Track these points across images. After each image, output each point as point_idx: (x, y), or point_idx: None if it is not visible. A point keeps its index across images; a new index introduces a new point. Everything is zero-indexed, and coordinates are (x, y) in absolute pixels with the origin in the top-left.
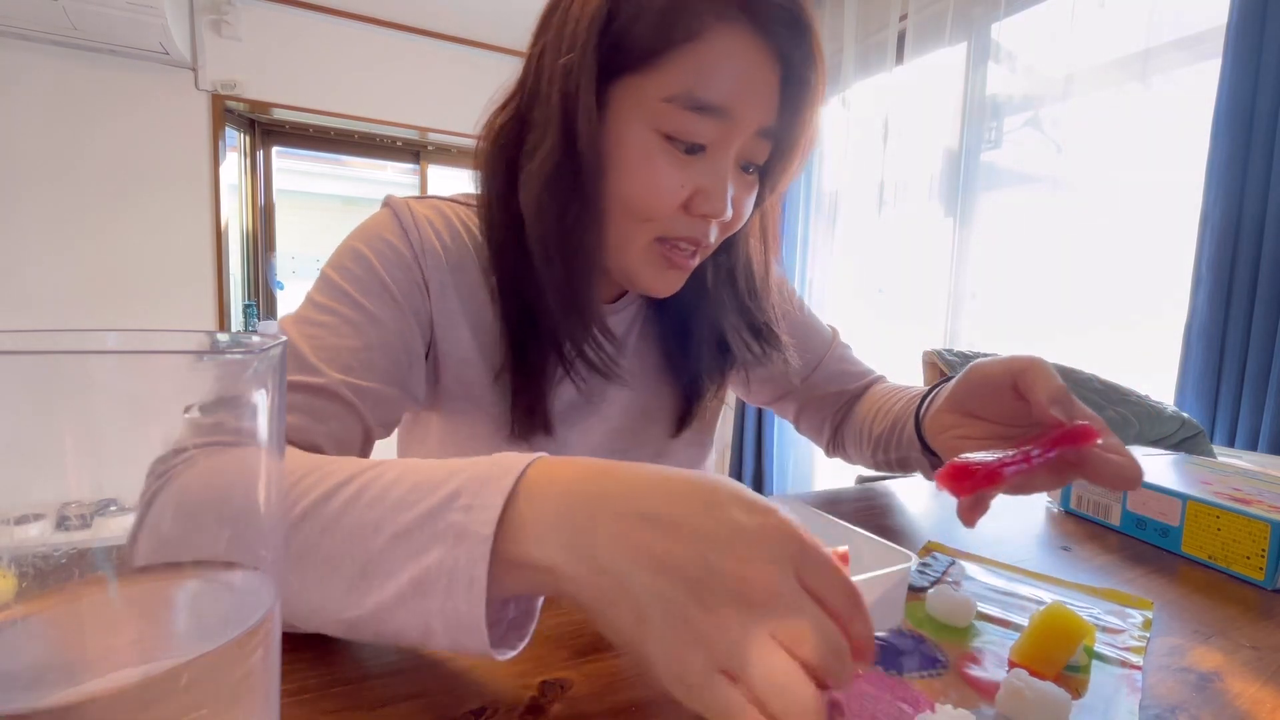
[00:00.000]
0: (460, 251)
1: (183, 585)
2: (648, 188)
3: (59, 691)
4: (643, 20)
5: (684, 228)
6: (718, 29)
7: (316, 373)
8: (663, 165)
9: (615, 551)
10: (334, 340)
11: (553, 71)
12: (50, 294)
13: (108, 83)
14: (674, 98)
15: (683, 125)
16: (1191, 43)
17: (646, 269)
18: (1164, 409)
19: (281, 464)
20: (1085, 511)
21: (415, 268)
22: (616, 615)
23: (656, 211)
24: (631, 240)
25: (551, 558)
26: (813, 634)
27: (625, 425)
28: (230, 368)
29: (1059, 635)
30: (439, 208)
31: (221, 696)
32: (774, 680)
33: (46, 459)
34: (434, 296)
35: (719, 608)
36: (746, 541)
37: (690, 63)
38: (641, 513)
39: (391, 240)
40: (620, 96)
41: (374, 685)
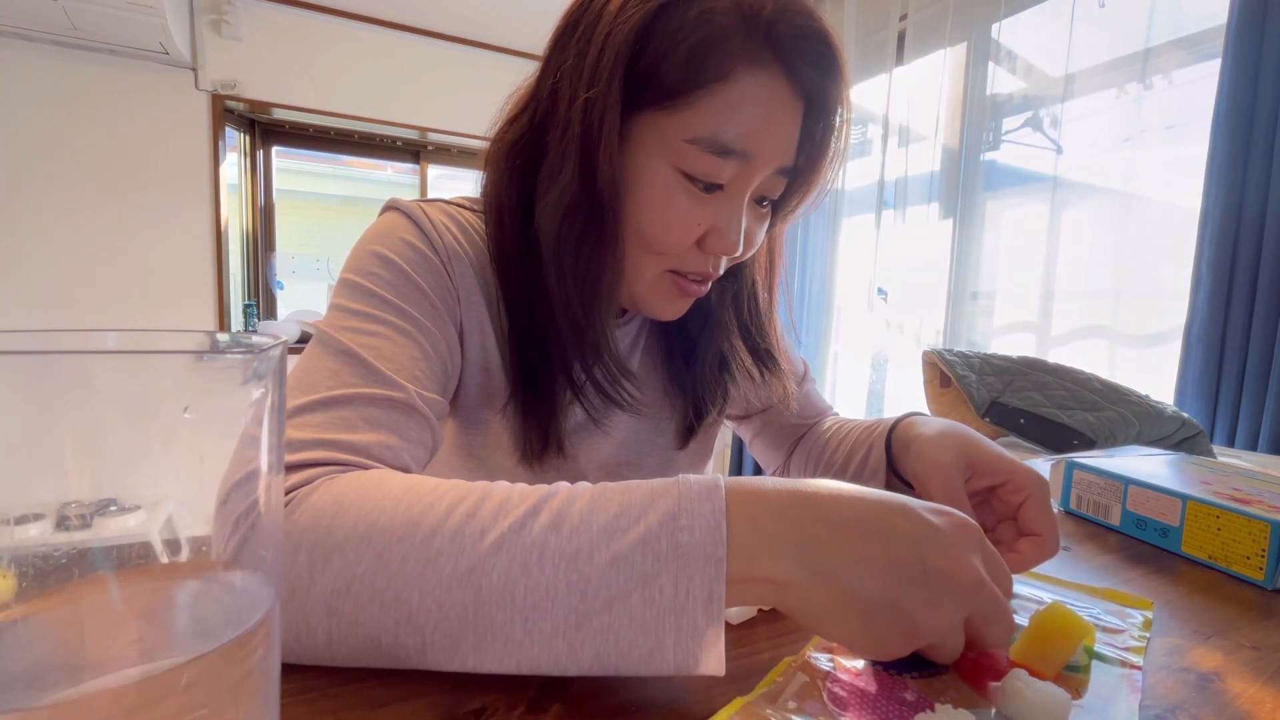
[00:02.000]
0: (480, 257)
1: (183, 585)
2: (664, 224)
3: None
4: (672, 57)
5: (695, 263)
6: (747, 70)
7: (394, 386)
8: (681, 203)
9: (841, 561)
10: (393, 351)
11: (573, 98)
12: (50, 294)
13: (108, 83)
14: (697, 140)
15: (704, 167)
16: (1191, 43)
17: (656, 297)
18: (1164, 409)
19: (282, 464)
20: (1085, 511)
21: (444, 273)
22: (845, 619)
23: (670, 247)
24: (644, 271)
25: (784, 572)
26: (998, 613)
27: (631, 440)
28: (230, 368)
29: (1059, 635)
30: (448, 211)
31: (221, 696)
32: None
33: (46, 459)
34: (463, 302)
35: (940, 603)
36: (948, 540)
37: (716, 105)
38: (854, 522)
39: (415, 244)
40: (642, 130)
41: (374, 685)
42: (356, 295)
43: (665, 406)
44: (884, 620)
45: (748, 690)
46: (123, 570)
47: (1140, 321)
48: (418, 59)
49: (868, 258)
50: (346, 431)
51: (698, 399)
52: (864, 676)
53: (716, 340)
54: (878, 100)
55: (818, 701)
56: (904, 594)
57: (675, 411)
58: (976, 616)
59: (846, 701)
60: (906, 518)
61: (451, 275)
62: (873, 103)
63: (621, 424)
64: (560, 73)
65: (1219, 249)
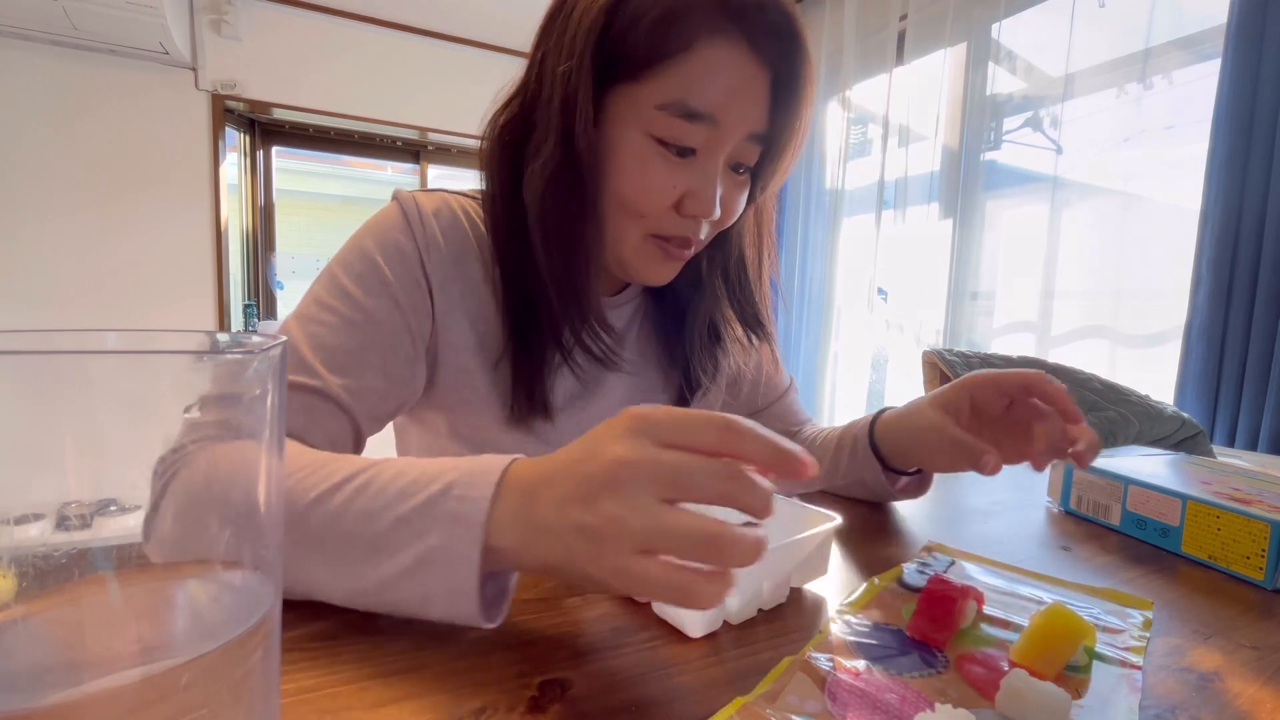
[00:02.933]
0: (462, 243)
1: (183, 585)
2: (641, 188)
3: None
4: (637, 31)
5: (675, 226)
6: (709, 41)
7: (314, 374)
8: (655, 168)
9: (549, 516)
10: (332, 340)
11: (554, 76)
12: (50, 294)
13: (108, 83)
14: (666, 105)
15: (674, 131)
16: (1191, 43)
17: (641, 261)
18: (1164, 409)
19: (282, 464)
20: (1085, 512)
21: (418, 264)
22: (556, 561)
23: (649, 210)
24: (626, 235)
25: (510, 541)
26: (690, 476)
27: (640, 395)
28: (230, 368)
29: (1059, 635)
30: (445, 199)
31: (221, 696)
32: (674, 532)
33: (46, 459)
34: (435, 291)
35: (601, 503)
36: (598, 438)
37: (682, 73)
38: (568, 475)
39: (397, 237)
40: (616, 103)
41: (374, 685)
42: (327, 285)
43: (660, 378)
44: (577, 545)
45: (748, 690)
46: (123, 570)
47: (1140, 321)
48: (418, 59)
49: (868, 258)
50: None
51: (689, 367)
52: (864, 676)
53: (707, 308)
54: (878, 100)
55: (817, 701)
56: (572, 513)
57: (670, 383)
58: (666, 491)
59: (846, 701)
60: (584, 444)
61: (425, 265)
62: (873, 103)
63: (615, 394)
64: (544, 54)
65: (1219, 249)
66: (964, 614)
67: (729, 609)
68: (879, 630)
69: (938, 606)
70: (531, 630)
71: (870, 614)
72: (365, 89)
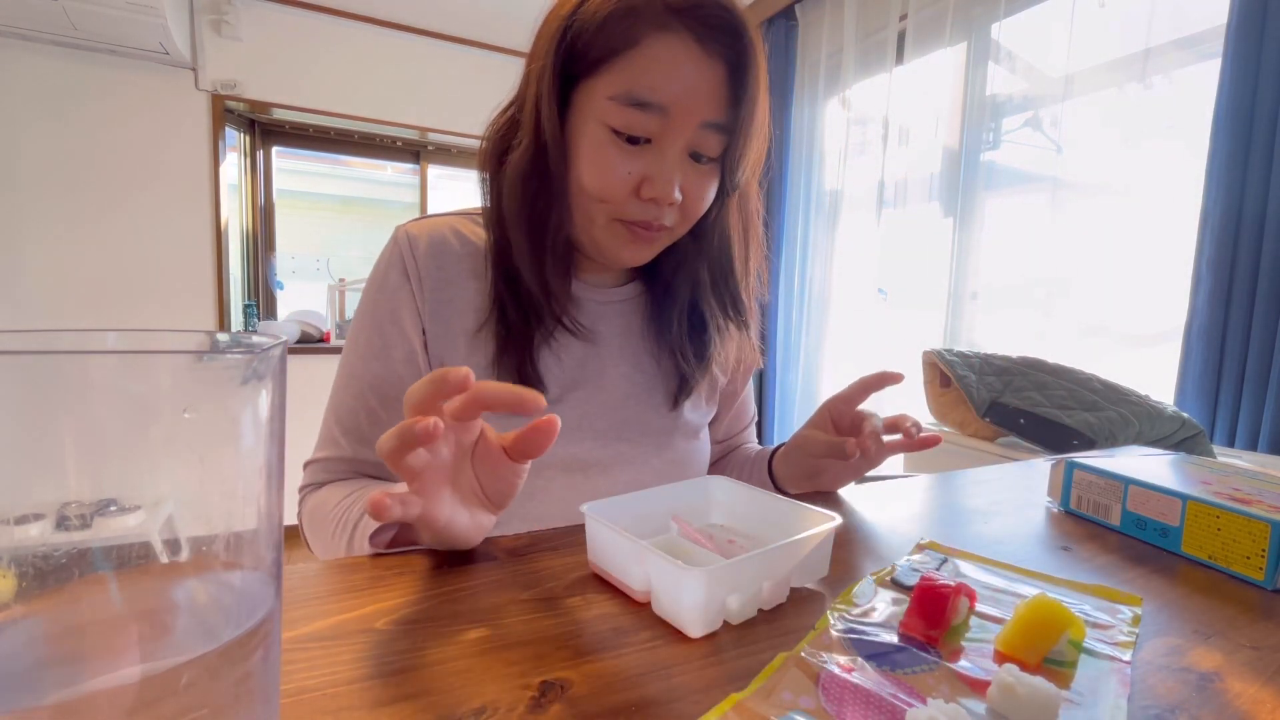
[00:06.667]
0: (457, 263)
1: (183, 585)
2: (599, 173)
3: (59, 691)
4: (589, 32)
5: (638, 211)
6: (655, 37)
7: (340, 448)
8: (610, 155)
9: None
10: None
11: (529, 78)
12: (50, 294)
13: (108, 83)
14: (615, 96)
15: (626, 120)
16: (1191, 43)
17: (611, 242)
18: (1164, 409)
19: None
20: (1085, 511)
21: (408, 290)
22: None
23: (609, 194)
24: (593, 219)
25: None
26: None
27: (621, 399)
28: (230, 368)
29: (1040, 623)
30: (436, 225)
31: (221, 696)
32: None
33: (46, 459)
34: (430, 304)
35: None
36: None
37: (631, 66)
38: None
39: (387, 272)
40: (580, 98)
41: (374, 685)
42: (347, 350)
43: (655, 367)
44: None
45: (745, 688)
46: (123, 570)
47: (1140, 321)
48: (418, 59)
49: (867, 257)
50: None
51: (674, 350)
52: (857, 672)
53: (691, 296)
54: (878, 100)
55: (811, 697)
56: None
57: (664, 371)
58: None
59: (840, 697)
60: None
61: (417, 290)
62: (873, 103)
63: (612, 380)
64: (528, 60)
65: (1219, 249)
66: (956, 611)
67: (729, 609)
68: (872, 627)
69: (930, 603)
70: (531, 630)
71: (864, 611)
72: (365, 89)
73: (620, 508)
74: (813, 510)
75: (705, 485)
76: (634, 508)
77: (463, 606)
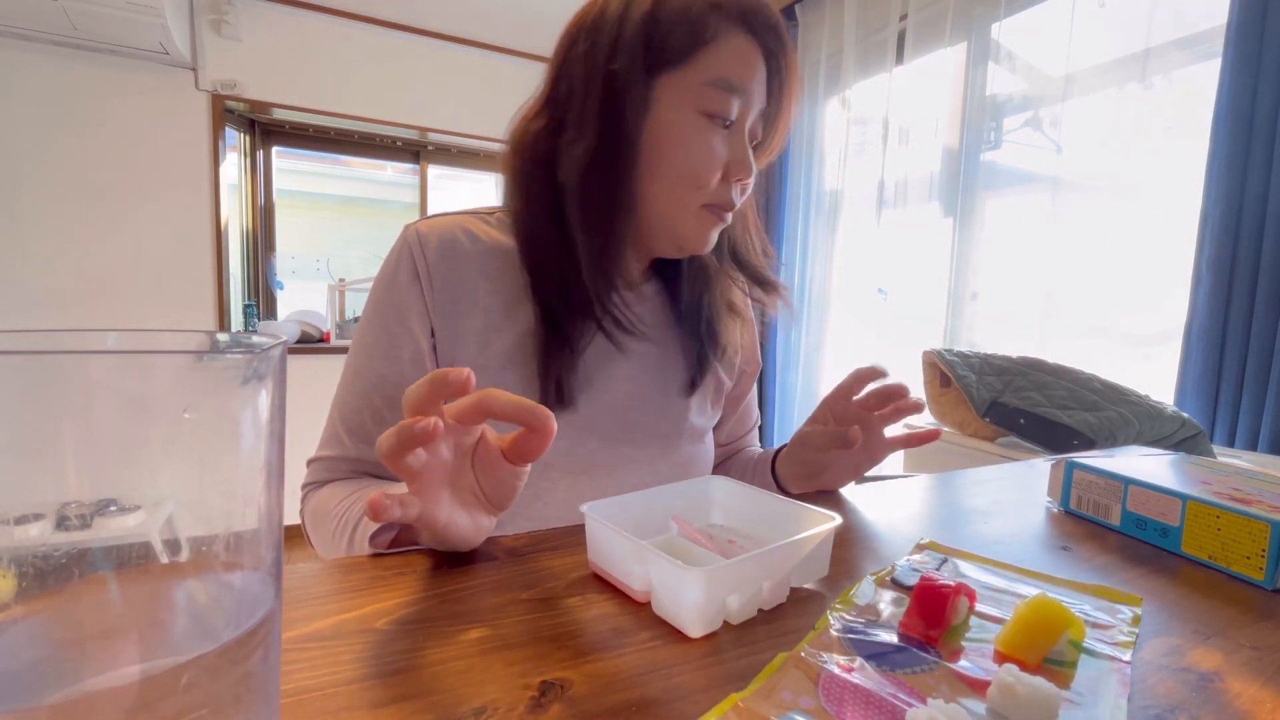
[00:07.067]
0: (464, 263)
1: (183, 585)
2: (702, 159)
3: (59, 691)
4: (681, 28)
5: (724, 194)
6: (729, 32)
7: (344, 447)
8: (709, 139)
9: None
10: (355, 412)
11: (590, 76)
12: (50, 294)
13: (108, 83)
14: (713, 81)
15: (720, 104)
16: (1191, 43)
17: (698, 229)
18: (1164, 409)
19: (282, 464)
20: (1085, 511)
21: (418, 289)
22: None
23: (706, 180)
24: (685, 207)
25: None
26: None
27: (627, 400)
28: (230, 368)
29: (1040, 623)
30: (447, 226)
31: (221, 696)
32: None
33: (46, 459)
34: (439, 300)
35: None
36: None
37: (718, 55)
38: None
39: (396, 271)
40: (664, 90)
41: (374, 685)
42: (354, 349)
43: (666, 363)
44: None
45: (745, 688)
46: (123, 570)
47: (1140, 321)
48: (418, 59)
49: (868, 258)
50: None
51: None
52: (857, 672)
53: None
54: (878, 100)
55: (811, 697)
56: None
57: (676, 363)
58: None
59: (840, 697)
60: None
61: (426, 289)
62: (873, 103)
63: (625, 388)
64: (573, 63)
65: (1219, 249)
66: (956, 611)
67: (729, 609)
68: (872, 627)
69: (930, 603)
70: (531, 630)
71: (864, 611)
72: (365, 89)
73: (620, 508)
74: (813, 510)
75: (705, 485)
76: (634, 508)
77: (463, 606)
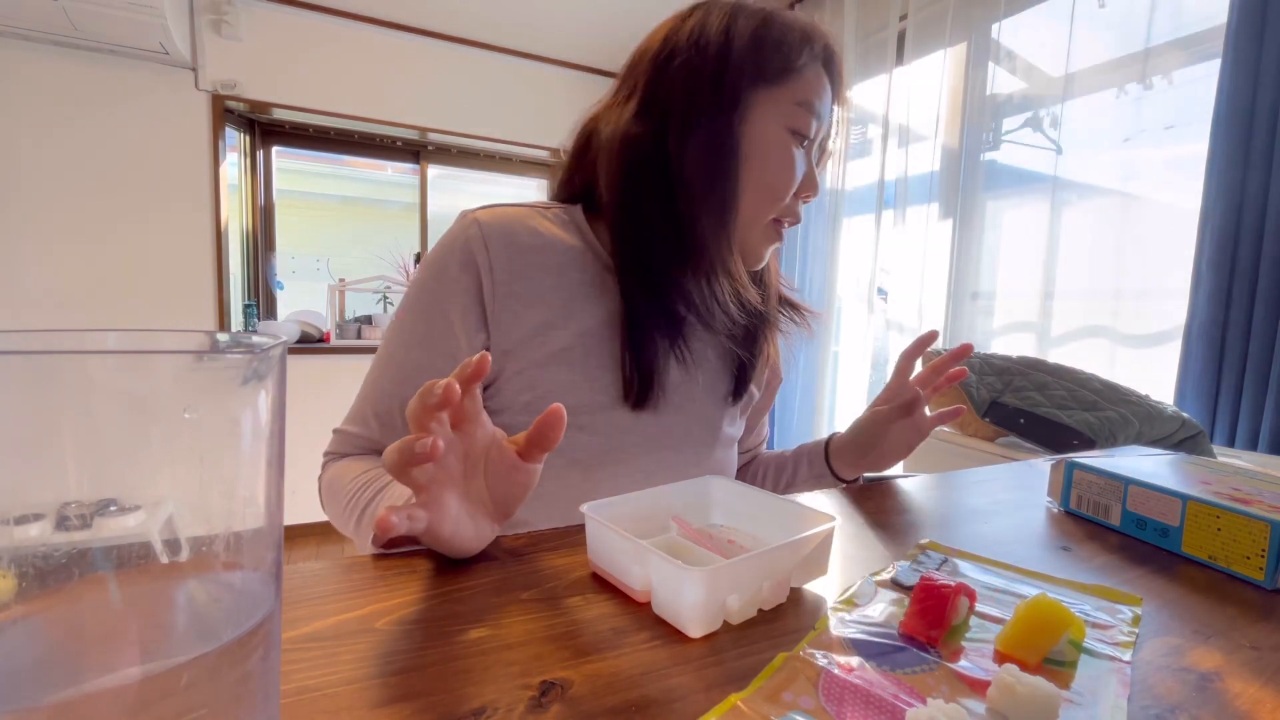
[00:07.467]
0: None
1: (183, 585)
2: (787, 171)
3: (59, 691)
4: (779, 51)
5: (793, 208)
6: (814, 63)
7: (369, 427)
8: (792, 155)
9: None
10: (387, 394)
11: (697, 86)
12: (50, 294)
13: (108, 83)
14: (801, 101)
15: (804, 123)
16: (1191, 43)
17: (762, 242)
18: (1164, 409)
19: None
20: (1085, 511)
21: (466, 292)
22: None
23: (787, 191)
24: (761, 219)
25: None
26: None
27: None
28: (230, 368)
29: (1040, 623)
30: (509, 217)
31: (221, 696)
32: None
33: (46, 459)
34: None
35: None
36: None
37: (804, 80)
38: None
39: (451, 258)
40: (758, 103)
41: (374, 685)
42: (394, 330)
43: (717, 360)
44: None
45: (745, 688)
46: (123, 570)
47: (1140, 321)
48: (418, 59)
49: (868, 258)
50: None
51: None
52: (857, 672)
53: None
54: (878, 100)
55: (811, 697)
56: None
57: (724, 366)
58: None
59: (840, 697)
60: None
61: (485, 277)
62: (873, 103)
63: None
64: (674, 74)
65: (1219, 249)
66: (956, 611)
67: (729, 609)
68: (873, 627)
69: (930, 603)
70: (531, 630)
71: (864, 611)
72: (365, 89)
73: (620, 508)
74: (813, 510)
75: (705, 485)
76: (634, 508)
77: (463, 606)
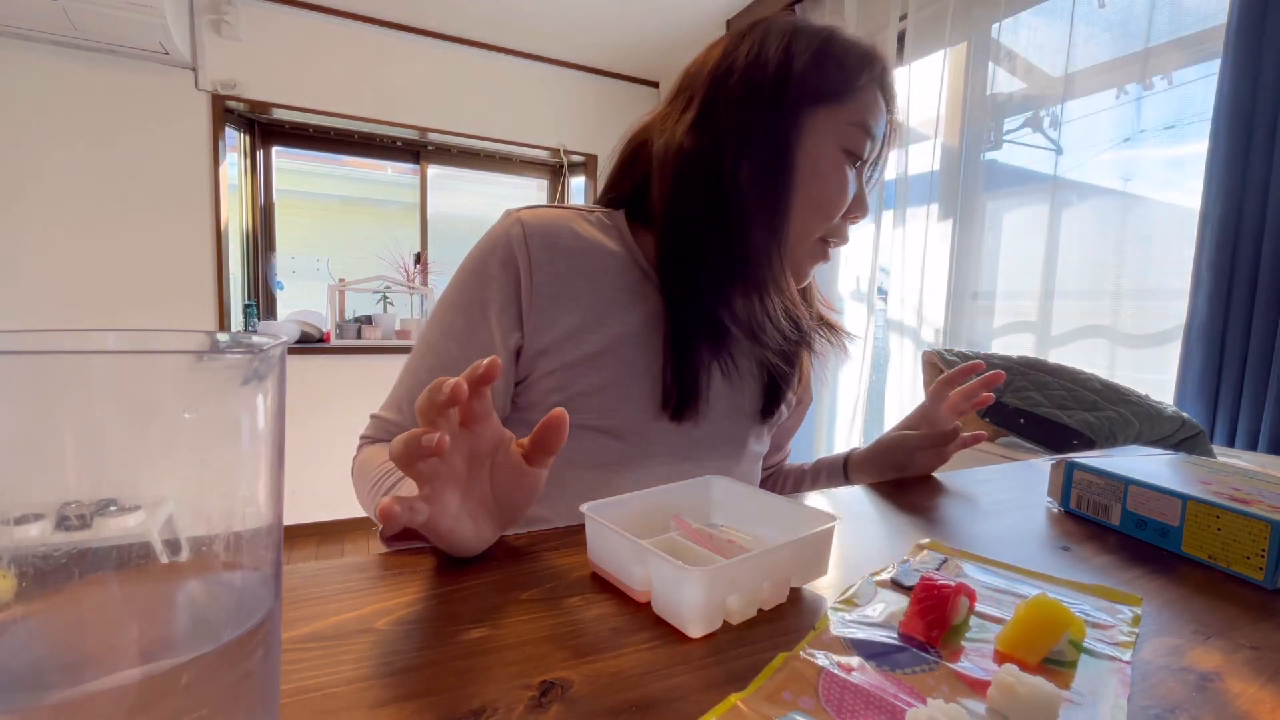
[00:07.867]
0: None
1: (183, 585)
2: (838, 190)
3: (59, 691)
4: (840, 71)
5: (842, 228)
6: (872, 85)
7: (402, 414)
8: (845, 175)
9: None
10: (416, 375)
11: (756, 102)
12: (50, 294)
13: (108, 83)
14: (858, 123)
15: (858, 144)
16: (1191, 43)
17: (807, 260)
18: (1164, 409)
19: (282, 464)
20: (1085, 511)
21: (504, 290)
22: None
23: (837, 210)
24: (808, 237)
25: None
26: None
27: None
28: (230, 368)
29: (1040, 623)
30: (552, 219)
31: (221, 696)
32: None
33: (46, 459)
34: (532, 307)
35: None
36: None
37: (861, 102)
38: None
39: (493, 257)
40: (815, 121)
41: (374, 685)
42: (434, 321)
43: (749, 377)
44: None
45: (745, 688)
46: (123, 570)
47: (1140, 321)
48: (418, 59)
49: (868, 258)
50: (375, 433)
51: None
52: (857, 672)
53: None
54: None
55: (811, 697)
56: None
57: (755, 383)
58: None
59: (840, 697)
60: None
61: (524, 277)
62: None
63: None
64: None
65: (1219, 249)
66: (956, 611)
67: (729, 609)
68: (872, 627)
69: (930, 603)
70: (531, 630)
71: (864, 611)
72: (365, 89)
73: (620, 508)
74: (813, 510)
75: (705, 485)
76: (634, 508)
77: (463, 606)
